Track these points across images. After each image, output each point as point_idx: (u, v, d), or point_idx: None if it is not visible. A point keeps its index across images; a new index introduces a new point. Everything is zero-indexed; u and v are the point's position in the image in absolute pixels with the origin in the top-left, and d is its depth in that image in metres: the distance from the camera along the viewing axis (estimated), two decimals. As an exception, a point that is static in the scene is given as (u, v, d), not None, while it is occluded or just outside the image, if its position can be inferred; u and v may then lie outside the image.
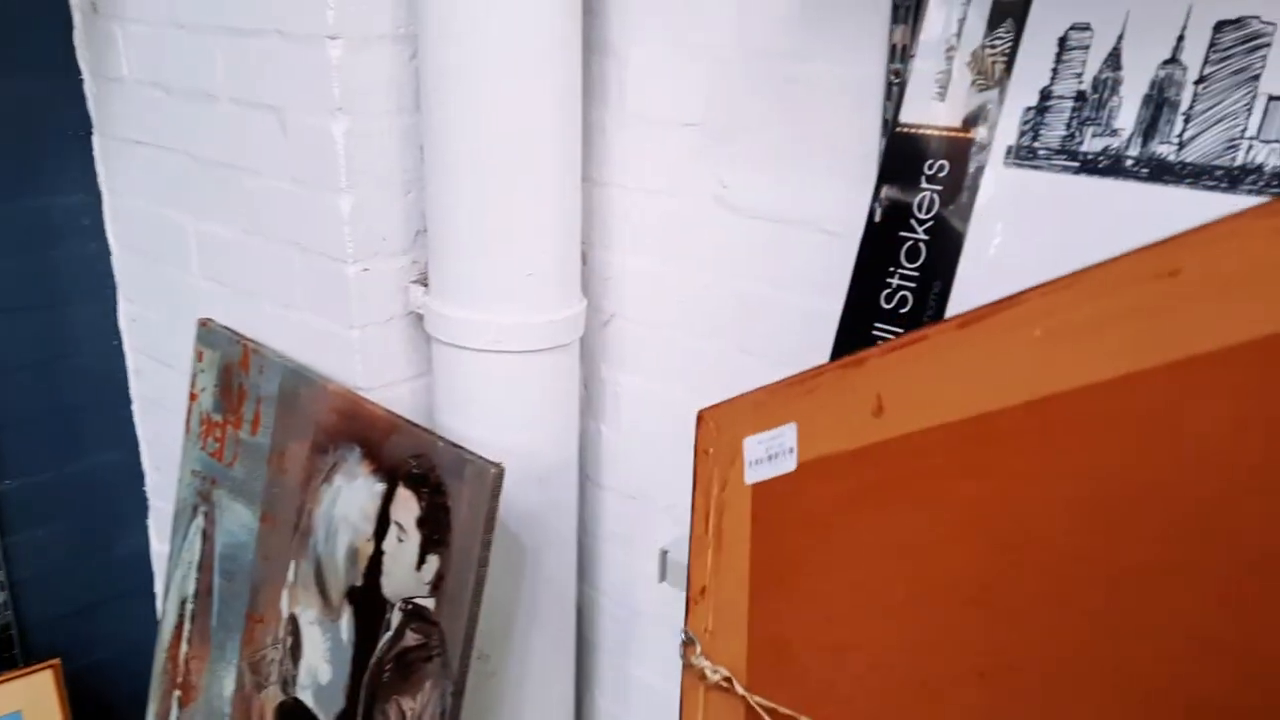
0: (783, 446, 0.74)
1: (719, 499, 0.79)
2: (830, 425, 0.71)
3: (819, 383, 0.72)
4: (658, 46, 1.09)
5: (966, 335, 0.62)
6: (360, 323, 1.16)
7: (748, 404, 0.79)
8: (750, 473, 0.77)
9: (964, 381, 0.62)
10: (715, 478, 0.80)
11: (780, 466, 0.74)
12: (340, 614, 1.15)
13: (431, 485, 1.03)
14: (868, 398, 0.68)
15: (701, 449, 0.82)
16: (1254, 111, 0.69)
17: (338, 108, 1.08)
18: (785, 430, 0.74)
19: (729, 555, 0.78)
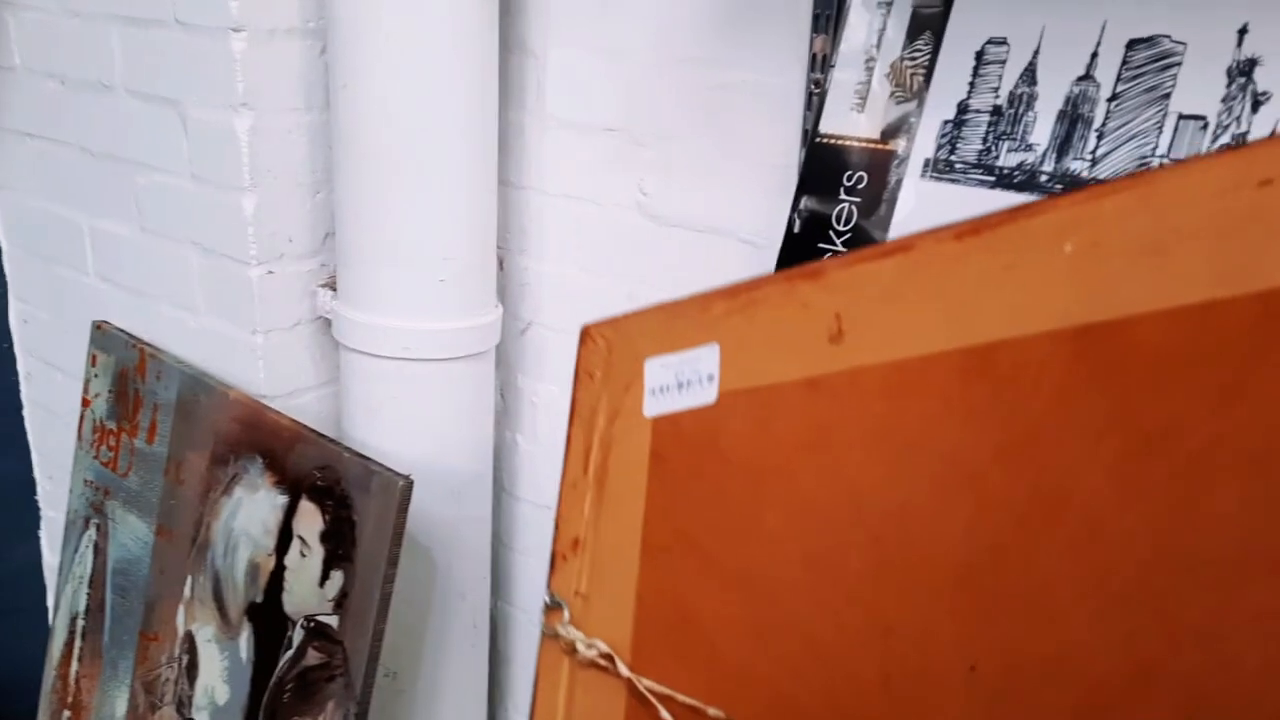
0: (699, 373, 0.61)
1: (605, 433, 0.65)
2: (769, 350, 0.58)
3: (756, 297, 0.58)
4: (578, 49, 1.06)
5: (966, 248, 0.51)
6: (264, 328, 1.11)
7: (652, 319, 0.64)
8: (651, 403, 0.63)
9: (960, 304, 0.51)
10: (602, 407, 0.65)
11: (694, 397, 0.61)
12: (239, 632, 1.10)
13: (336, 498, 0.99)
14: (823, 318, 0.55)
15: (584, 370, 0.67)
16: (1164, 130, 0.69)
17: (241, 103, 1.04)
18: (704, 353, 0.60)
19: (615, 503, 0.65)
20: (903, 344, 0.53)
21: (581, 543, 0.66)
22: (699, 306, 0.61)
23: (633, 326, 0.65)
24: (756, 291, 0.59)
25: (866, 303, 0.54)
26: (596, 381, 0.66)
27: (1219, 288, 0.43)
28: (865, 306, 0.54)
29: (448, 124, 0.99)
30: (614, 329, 0.66)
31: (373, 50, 0.96)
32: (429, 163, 0.99)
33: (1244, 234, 0.43)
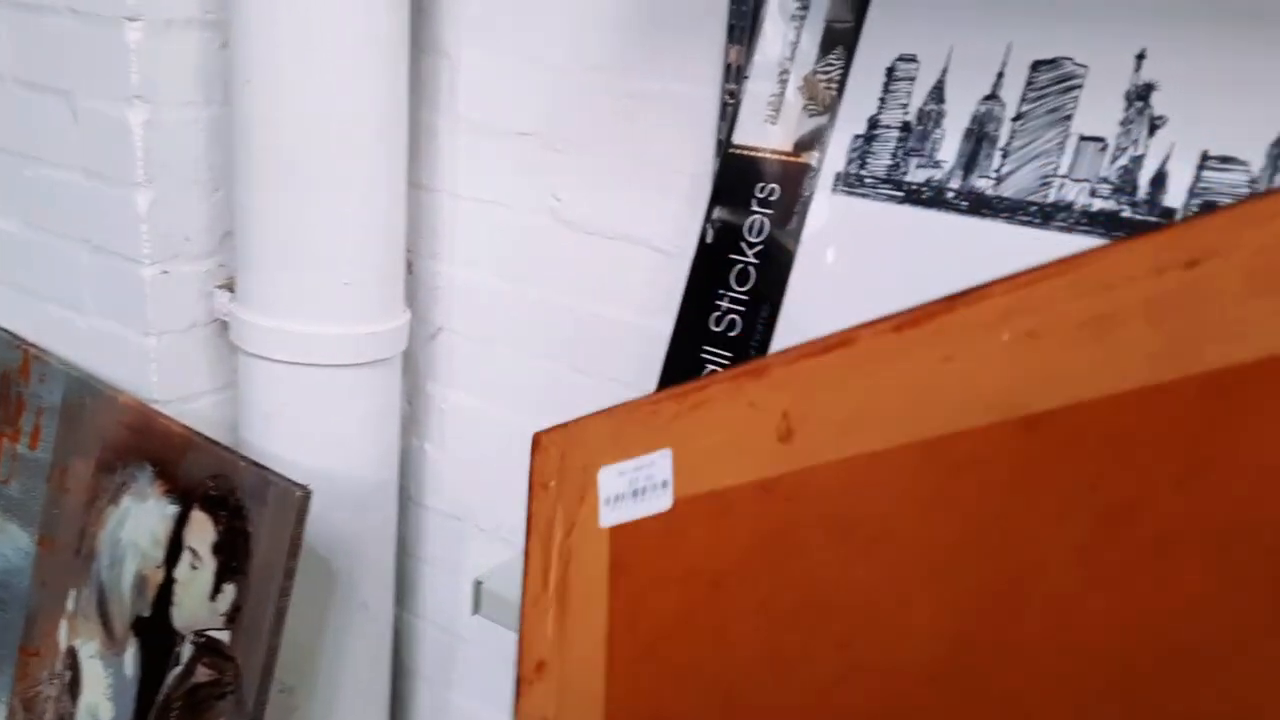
0: (653, 479, 0.60)
1: (563, 546, 0.64)
2: (721, 452, 0.57)
3: (702, 398, 0.58)
4: (492, 52, 1.04)
5: (905, 341, 0.50)
6: (157, 330, 1.06)
7: (603, 425, 0.63)
8: (607, 513, 0.62)
9: (906, 398, 0.50)
10: (559, 519, 0.64)
11: (650, 504, 0.59)
12: (125, 647, 1.05)
13: (230, 508, 0.95)
14: (770, 417, 0.55)
15: (538, 482, 0.66)
16: (1066, 150, 0.71)
17: (136, 95, 0.99)
18: (656, 459, 0.60)
19: (578, 619, 0.62)
20: (853, 440, 0.52)
21: (546, 665, 0.63)
22: (648, 410, 0.60)
23: (584, 433, 0.64)
24: (703, 392, 0.58)
25: (813, 399, 0.53)
26: (551, 493, 0.65)
27: (1159, 371, 0.43)
28: (812, 403, 0.53)
29: (354, 122, 0.96)
30: (565, 437, 0.65)
31: (277, 45, 0.92)
32: (334, 162, 0.96)
33: (1175, 317, 0.43)
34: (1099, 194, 0.69)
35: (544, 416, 1.11)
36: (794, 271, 0.81)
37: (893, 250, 0.77)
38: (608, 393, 1.04)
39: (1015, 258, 0.71)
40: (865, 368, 0.52)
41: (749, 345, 0.82)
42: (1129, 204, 0.68)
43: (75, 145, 1.07)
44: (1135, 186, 0.68)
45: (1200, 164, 0.66)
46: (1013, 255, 0.72)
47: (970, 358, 0.48)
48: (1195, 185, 0.66)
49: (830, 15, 0.81)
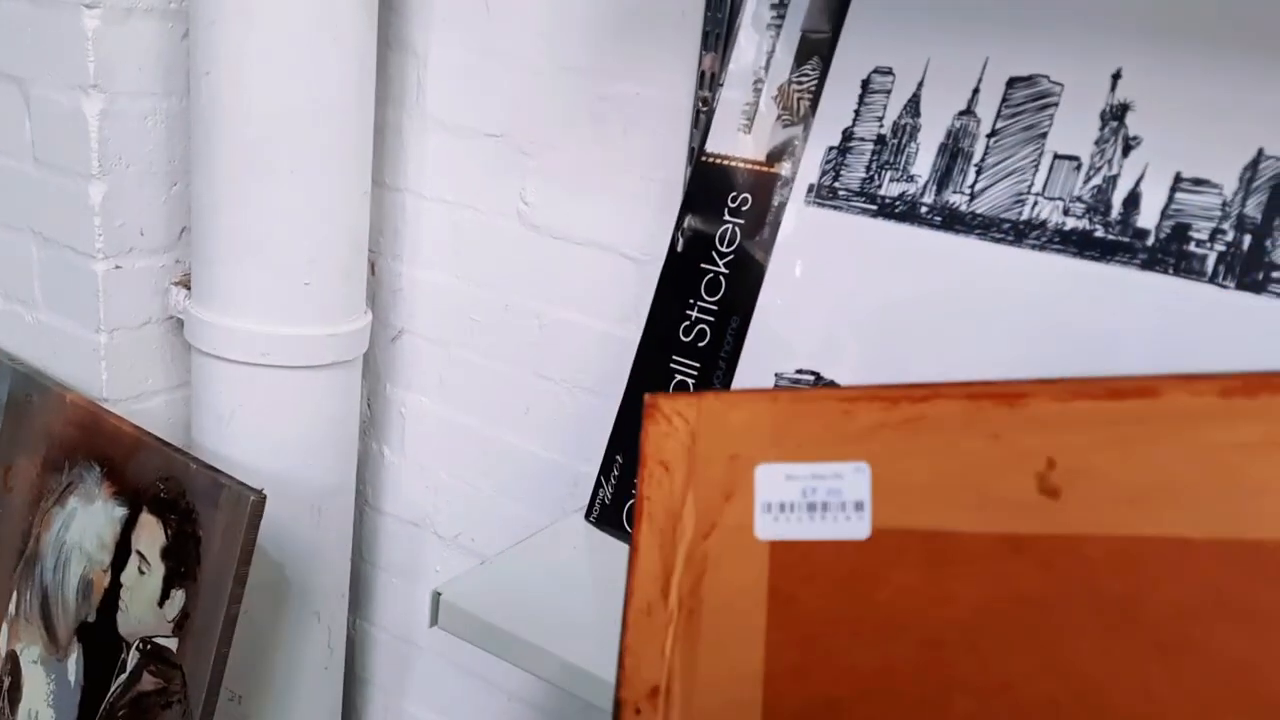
0: (840, 496, 0.49)
1: (694, 550, 0.52)
2: (948, 485, 0.47)
3: (920, 412, 0.47)
4: (462, 51, 1.03)
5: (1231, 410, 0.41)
6: (109, 326, 1.03)
7: (762, 410, 0.51)
8: (767, 522, 0.51)
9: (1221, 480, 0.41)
10: (690, 514, 0.53)
11: (836, 528, 0.49)
12: (69, 653, 1.01)
13: (180, 512, 0.93)
14: (1028, 461, 0.45)
15: (656, 459, 0.53)
16: (1040, 168, 0.70)
17: (92, 84, 0.96)
18: (847, 472, 0.49)
19: (717, 646, 0.51)
20: (1149, 517, 0.43)
21: (663, 692, 0.51)
22: (837, 409, 0.49)
23: (730, 414, 0.52)
24: (922, 405, 0.47)
25: (1091, 454, 0.44)
26: (676, 478, 0.53)
27: None
28: (1089, 458, 0.44)
29: (317, 118, 0.94)
30: (698, 411, 0.53)
31: (239, 36, 0.90)
32: (296, 158, 0.94)
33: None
34: (1072, 213, 0.69)
35: (506, 423, 1.10)
36: (765, 283, 0.80)
37: (865, 264, 0.76)
38: (572, 400, 1.03)
39: (988, 275, 0.71)
40: (1170, 429, 0.43)
41: (718, 356, 0.81)
42: (1102, 224, 0.68)
43: (27, 134, 1.03)
44: (1109, 206, 0.68)
45: (1173, 185, 0.66)
46: (986, 273, 0.71)
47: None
48: (1168, 207, 0.66)
49: (807, 25, 0.81)
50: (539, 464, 1.07)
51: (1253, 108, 0.64)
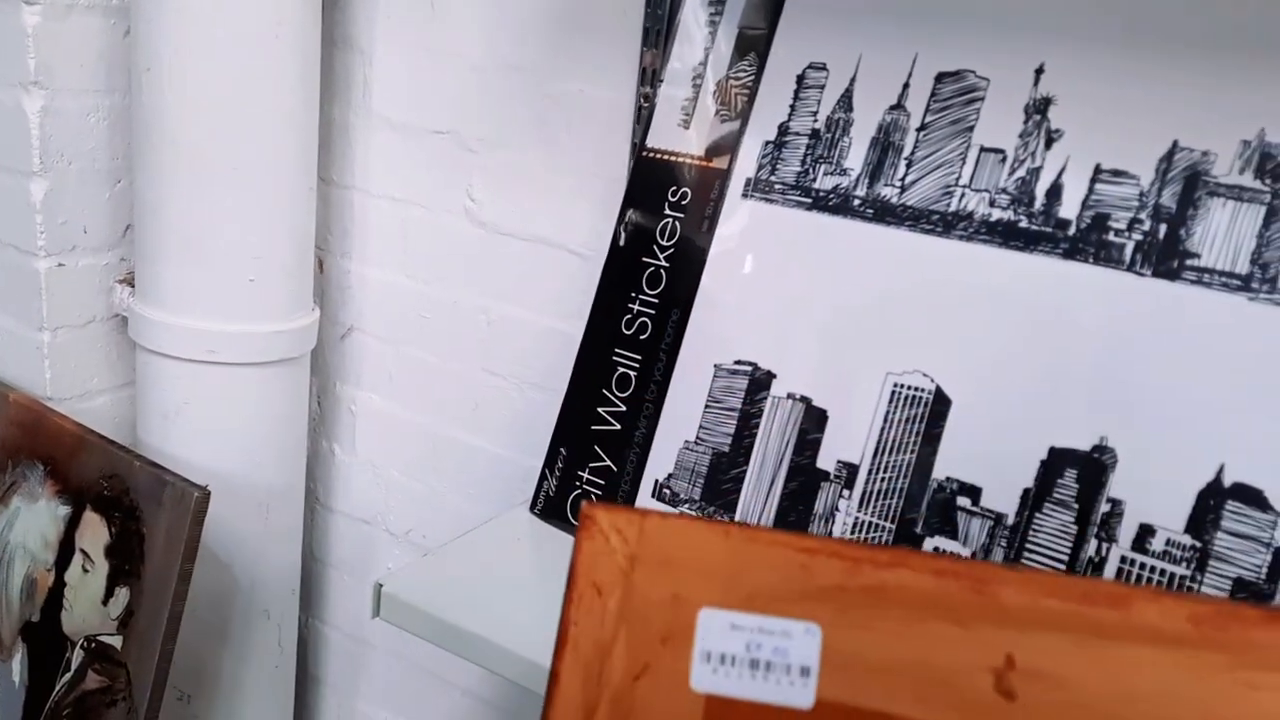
0: (785, 656, 0.45)
1: (622, 691, 0.47)
2: (905, 667, 0.43)
3: (883, 581, 0.44)
4: (407, 49, 1.03)
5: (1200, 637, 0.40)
6: (52, 324, 1.03)
7: (714, 545, 0.46)
8: (704, 673, 0.46)
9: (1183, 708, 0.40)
10: (620, 651, 0.48)
11: (777, 691, 0.45)
12: (13, 653, 1.00)
13: (124, 510, 0.92)
14: (987, 652, 0.42)
15: (587, 581, 0.48)
16: (967, 161, 0.72)
17: (33, 81, 0.96)
18: (796, 630, 0.45)
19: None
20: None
21: None
22: (795, 560, 0.45)
23: (673, 540, 0.47)
24: (887, 573, 0.43)
25: (1051, 654, 0.41)
26: (610, 607, 0.47)
27: None
28: (1049, 658, 0.41)
29: (260, 115, 0.94)
30: (640, 532, 0.47)
31: (179, 32, 0.90)
32: (238, 155, 0.94)
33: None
34: (998, 204, 0.71)
35: (455, 419, 1.10)
36: (704, 275, 0.81)
37: (801, 256, 0.78)
38: (520, 395, 1.04)
39: (918, 266, 0.73)
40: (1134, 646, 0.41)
41: (659, 348, 0.83)
42: (1026, 215, 0.70)
43: (-33, 131, 1.03)
44: (1032, 198, 0.70)
45: (1093, 177, 0.68)
46: (915, 263, 0.73)
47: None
48: (1088, 197, 0.68)
49: (744, 21, 0.82)
50: (489, 460, 1.07)
51: (1168, 102, 0.66)
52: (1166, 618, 0.41)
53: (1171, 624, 0.41)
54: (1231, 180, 0.64)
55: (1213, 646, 0.41)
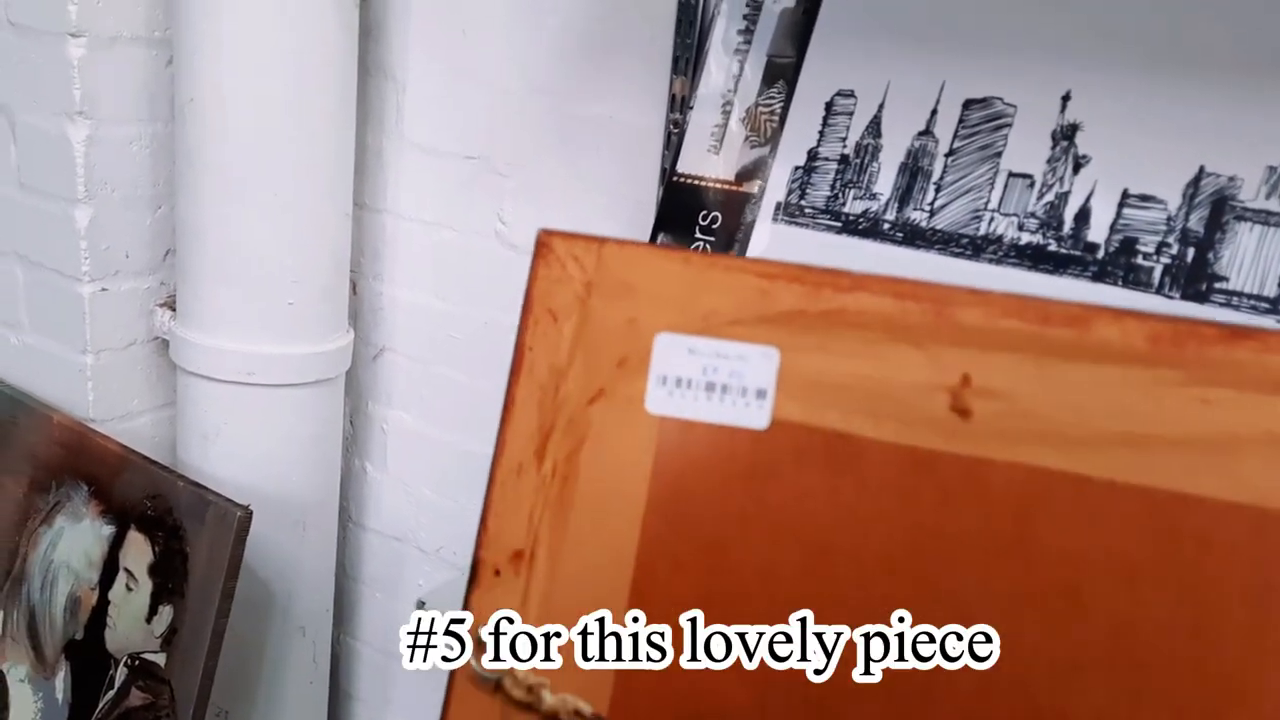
0: (741, 379, 0.45)
1: (577, 414, 0.47)
2: (858, 387, 0.43)
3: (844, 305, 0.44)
4: (439, 75, 1.05)
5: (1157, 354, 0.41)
6: (95, 348, 1.05)
7: (673, 271, 0.46)
8: (660, 396, 0.46)
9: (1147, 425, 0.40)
10: (575, 375, 0.47)
11: (733, 413, 0.45)
12: (56, 671, 1.02)
13: (168, 529, 0.94)
14: (943, 374, 0.42)
15: (543, 306, 0.48)
16: (996, 185, 0.74)
17: (78, 111, 0.98)
18: (754, 355, 0.45)
19: (588, 518, 0.47)
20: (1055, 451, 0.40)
21: (527, 558, 0.48)
22: (756, 285, 0.45)
23: (631, 267, 0.47)
24: (847, 295, 0.44)
25: (1009, 373, 0.42)
26: (565, 331, 0.47)
27: None
28: (1006, 377, 0.42)
29: (300, 143, 0.96)
30: (598, 259, 0.47)
31: (223, 64, 0.92)
32: (279, 182, 0.96)
33: None
34: (1026, 228, 0.72)
35: (485, 437, 1.12)
36: (735, 298, 0.83)
37: (831, 278, 0.79)
38: (551, 414, 1.05)
39: (947, 288, 0.74)
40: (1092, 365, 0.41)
41: (691, 369, 0.84)
42: (1055, 238, 0.71)
43: (11, 160, 1.05)
44: (1061, 221, 0.71)
45: (1121, 201, 0.69)
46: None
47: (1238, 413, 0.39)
48: (1116, 222, 0.69)
49: (772, 50, 0.84)
50: (519, 477, 1.09)
51: (1194, 128, 0.68)
52: (1126, 336, 0.42)
53: (1130, 342, 0.41)
54: (1259, 205, 0.65)
55: (1169, 364, 0.41)
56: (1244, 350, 0.40)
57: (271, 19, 0.92)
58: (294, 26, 0.93)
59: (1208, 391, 0.41)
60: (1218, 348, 0.41)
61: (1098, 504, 0.41)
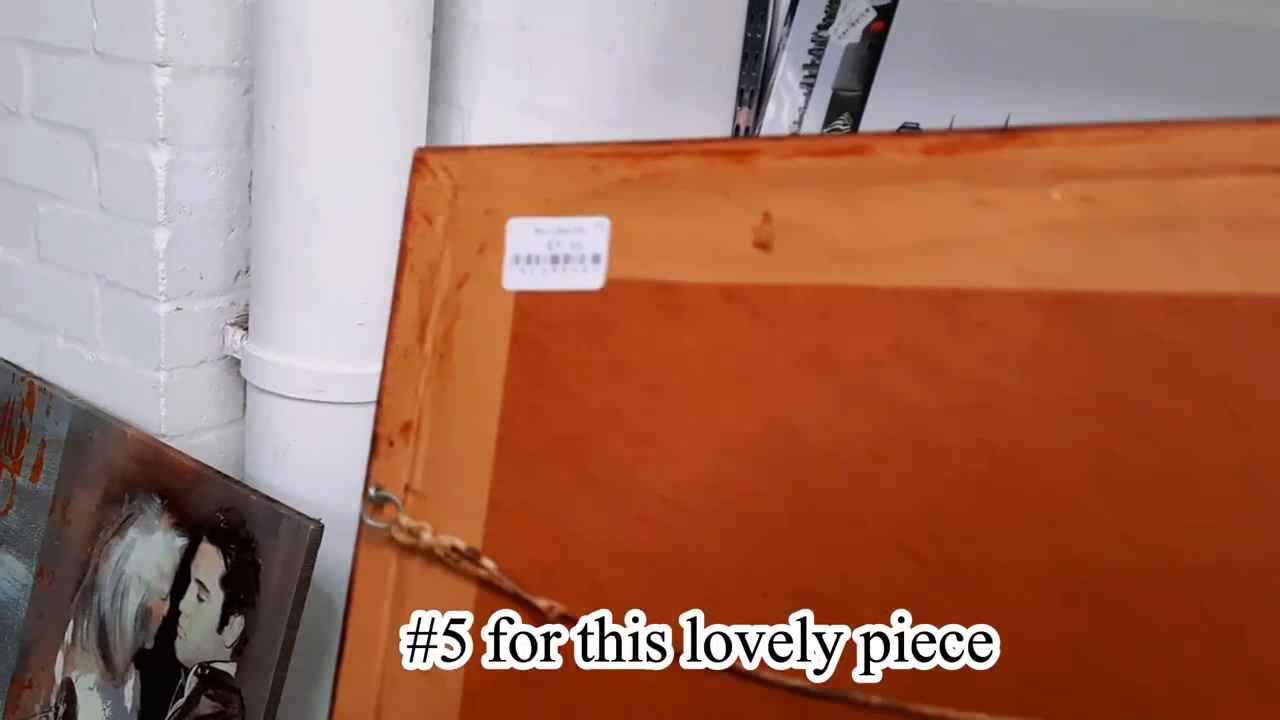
0: (580, 248, 0.51)
1: (449, 298, 0.54)
2: (676, 239, 0.48)
3: (661, 169, 0.49)
4: (504, 105, 1.09)
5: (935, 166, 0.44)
6: (169, 365, 1.08)
7: (521, 164, 0.53)
8: (515, 273, 0.53)
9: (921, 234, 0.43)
10: (446, 265, 0.54)
11: (574, 278, 0.51)
12: (125, 680, 1.05)
13: (240, 541, 0.97)
14: (748, 215, 0.47)
15: (419, 212, 0.55)
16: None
17: (161, 137, 1.02)
18: (589, 226, 0.50)
19: (462, 387, 0.54)
20: (847, 268, 0.45)
21: (414, 428, 0.55)
22: (585, 163, 0.50)
23: (489, 167, 0.53)
24: (664, 161, 0.49)
25: (804, 208, 0.46)
26: (437, 230, 0.54)
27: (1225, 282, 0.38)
28: (803, 212, 0.46)
29: (374, 170, 1.00)
30: (463, 164, 0.54)
31: (303, 94, 0.96)
32: (353, 207, 1.00)
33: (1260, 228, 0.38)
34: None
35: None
36: (800, 322, 0.85)
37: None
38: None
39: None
40: (878, 186, 0.44)
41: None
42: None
43: (93, 184, 1.09)
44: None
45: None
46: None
47: (1010, 208, 0.42)
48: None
49: (837, 84, 0.87)
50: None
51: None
52: (905, 155, 0.45)
53: (909, 160, 0.45)
54: None
55: (946, 173, 0.44)
56: (1012, 149, 0.44)
57: (351, 51, 0.95)
58: (371, 58, 0.96)
59: (982, 192, 0.44)
60: (989, 151, 0.44)
61: (887, 310, 0.45)
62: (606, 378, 0.50)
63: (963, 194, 0.44)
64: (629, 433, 0.50)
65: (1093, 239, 0.41)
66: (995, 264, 0.43)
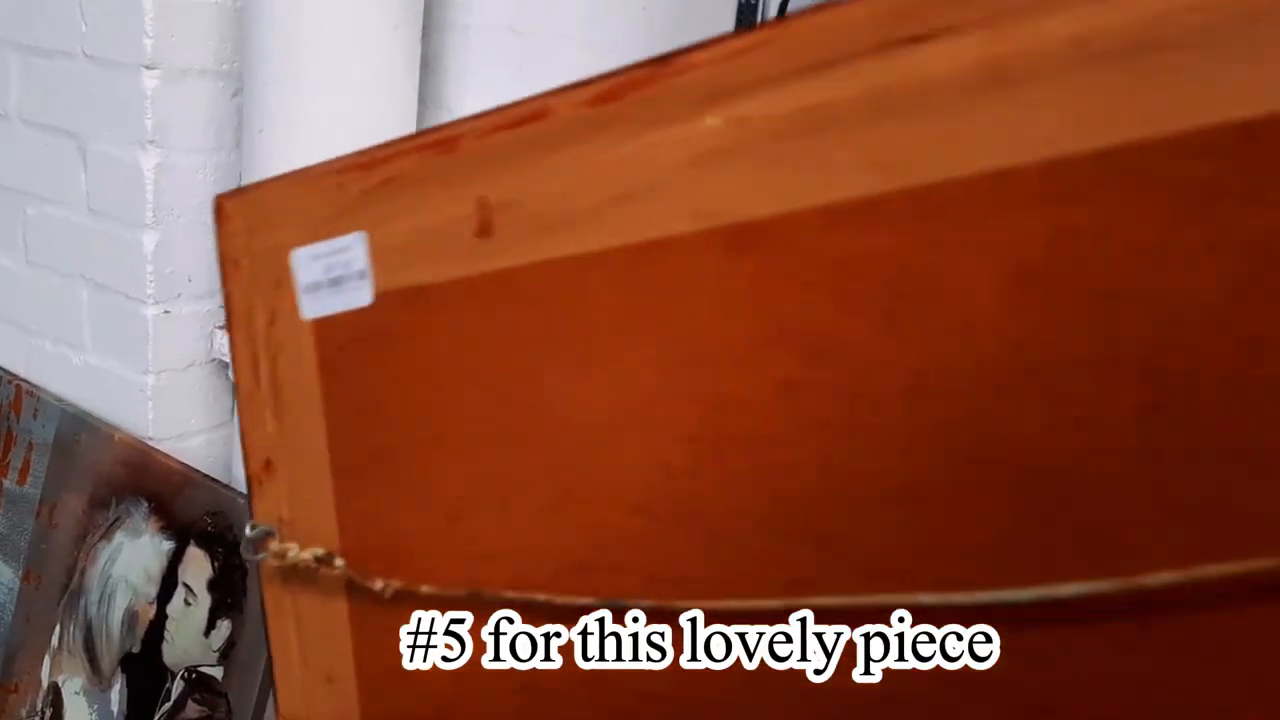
0: (350, 267, 0.52)
1: (268, 337, 0.56)
2: (416, 240, 0.49)
3: (390, 173, 0.49)
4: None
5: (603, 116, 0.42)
6: (156, 368, 1.08)
7: (290, 196, 0.53)
8: (309, 303, 0.53)
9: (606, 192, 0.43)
10: (258, 307, 0.55)
11: (350, 297, 0.52)
12: (112, 684, 1.05)
13: (228, 545, 0.97)
14: (464, 205, 0.47)
15: (229, 258, 0.56)
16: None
17: (149, 140, 1.02)
18: (351, 243, 0.51)
19: (296, 419, 0.56)
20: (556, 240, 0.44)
21: (274, 464, 0.57)
22: (332, 182, 0.50)
23: (269, 204, 0.53)
24: (389, 165, 0.48)
25: (510, 185, 0.45)
26: (244, 274, 0.55)
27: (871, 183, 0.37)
28: (510, 190, 0.45)
29: (365, 174, 1.00)
30: (249, 205, 0.54)
31: (293, 97, 0.96)
32: (343, 210, 1.00)
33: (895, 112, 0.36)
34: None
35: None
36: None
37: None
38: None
39: None
40: (566, 148, 0.43)
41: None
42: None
43: (82, 186, 1.09)
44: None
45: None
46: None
47: (677, 143, 0.40)
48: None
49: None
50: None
51: None
52: (578, 110, 0.43)
53: (581, 113, 0.43)
54: None
55: (618, 120, 0.42)
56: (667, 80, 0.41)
57: (340, 54, 0.95)
58: (361, 61, 0.96)
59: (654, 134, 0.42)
60: (649, 88, 0.41)
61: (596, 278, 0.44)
62: (405, 385, 0.51)
63: (639, 139, 0.42)
64: (424, 436, 0.51)
65: (750, 162, 0.39)
66: (675, 207, 0.41)
